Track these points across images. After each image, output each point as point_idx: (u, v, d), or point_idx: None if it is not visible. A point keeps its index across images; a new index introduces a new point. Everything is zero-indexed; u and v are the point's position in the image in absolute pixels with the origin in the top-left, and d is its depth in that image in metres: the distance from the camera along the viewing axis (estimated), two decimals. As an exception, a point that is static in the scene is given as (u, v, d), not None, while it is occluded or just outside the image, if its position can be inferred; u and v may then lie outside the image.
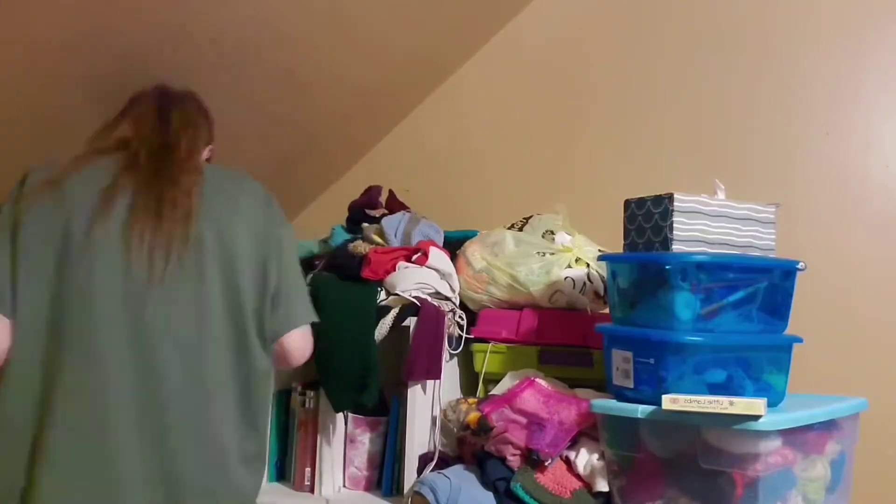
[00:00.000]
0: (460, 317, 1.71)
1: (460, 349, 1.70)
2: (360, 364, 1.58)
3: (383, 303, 1.64)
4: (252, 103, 1.81)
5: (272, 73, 1.73)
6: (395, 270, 1.68)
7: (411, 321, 1.61)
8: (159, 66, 1.53)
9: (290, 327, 1.31)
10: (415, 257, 1.69)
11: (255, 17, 1.56)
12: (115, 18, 1.40)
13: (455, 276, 1.73)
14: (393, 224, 1.81)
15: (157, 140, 1.31)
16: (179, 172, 1.27)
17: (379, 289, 1.67)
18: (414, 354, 1.58)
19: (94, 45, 1.43)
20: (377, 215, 1.89)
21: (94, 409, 1.15)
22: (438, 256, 1.71)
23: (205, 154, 1.43)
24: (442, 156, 2.22)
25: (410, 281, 1.63)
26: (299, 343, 1.34)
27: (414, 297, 1.62)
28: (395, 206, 1.95)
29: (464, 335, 1.69)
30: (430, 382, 1.63)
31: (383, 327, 1.60)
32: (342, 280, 1.70)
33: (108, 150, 1.31)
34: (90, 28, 1.39)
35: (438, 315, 1.63)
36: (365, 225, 1.85)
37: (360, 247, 1.76)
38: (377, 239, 1.80)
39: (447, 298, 1.70)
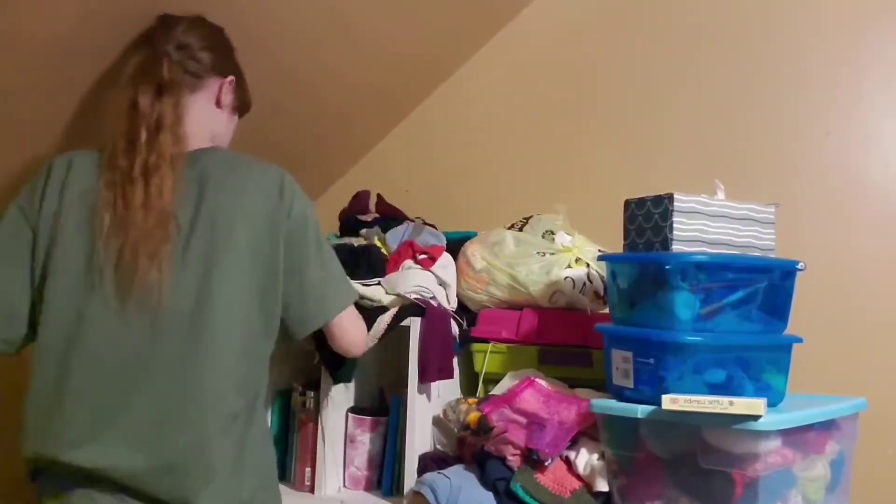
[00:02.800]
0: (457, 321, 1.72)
1: (458, 351, 1.70)
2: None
3: (380, 303, 1.65)
4: (254, 102, 1.81)
5: (274, 72, 1.73)
6: (397, 269, 1.68)
7: (411, 321, 1.61)
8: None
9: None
10: (420, 257, 1.69)
11: (257, 16, 1.56)
12: (118, 17, 1.40)
13: (455, 288, 1.73)
14: (398, 236, 1.81)
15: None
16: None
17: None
18: (425, 356, 1.59)
19: (95, 44, 1.43)
20: (369, 220, 1.88)
21: None
22: (445, 266, 1.71)
23: (213, 94, 1.37)
24: (442, 156, 2.22)
25: (410, 282, 1.63)
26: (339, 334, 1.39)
27: (417, 299, 1.62)
28: (385, 209, 1.94)
29: (457, 339, 1.70)
30: (430, 382, 1.64)
31: (381, 325, 1.60)
32: None
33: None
34: (90, 29, 1.39)
35: (445, 315, 1.65)
36: (364, 231, 1.85)
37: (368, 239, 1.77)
38: (378, 245, 1.80)
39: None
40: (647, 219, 1.36)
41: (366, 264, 1.69)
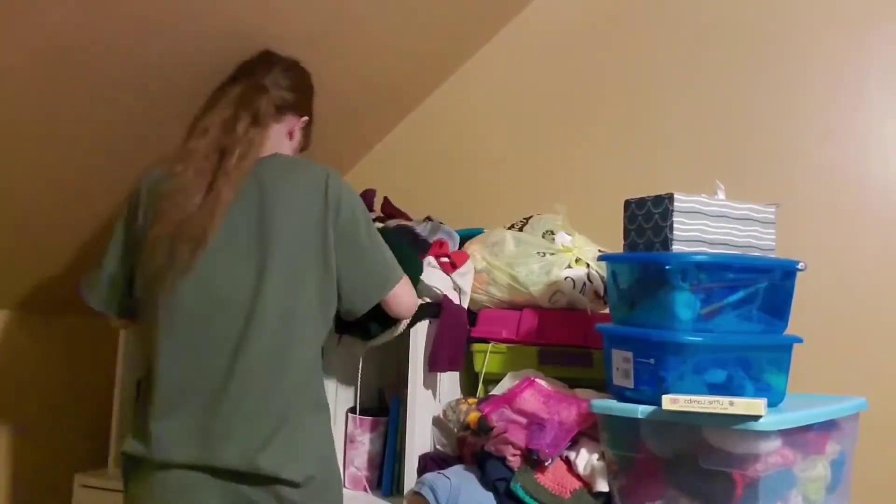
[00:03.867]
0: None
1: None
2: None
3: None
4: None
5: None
6: None
7: (421, 324, 1.61)
8: (164, 64, 1.54)
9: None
10: (442, 260, 1.69)
11: (260, 14, 1.56)
12: (120, 18, 1.40)
13: (469, 296, 1.73)
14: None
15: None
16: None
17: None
18: (438, 345, 1.59)
19: (95, 47, 1.43)
20: (374, 219, 1.89)
21: None
22: (464, 273, 1.71)
23: (288, 128, 1.53)
24: (442, 155, 2.22)
25: (426, 280, 1.63)
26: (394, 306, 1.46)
27: (439, 292, 1.64)
28: (390, 211, 1.94)
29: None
30: (430, 383, 1.63)
31: (401, 325, 1.59)
32: None
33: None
34: (92, 30, 1.39)
35: (461, 308, 1.66)
36: (380, 226, 1.85)
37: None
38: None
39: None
40: (648, 219, 1.36)
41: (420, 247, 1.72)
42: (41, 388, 2.17)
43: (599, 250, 1.70)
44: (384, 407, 1.77)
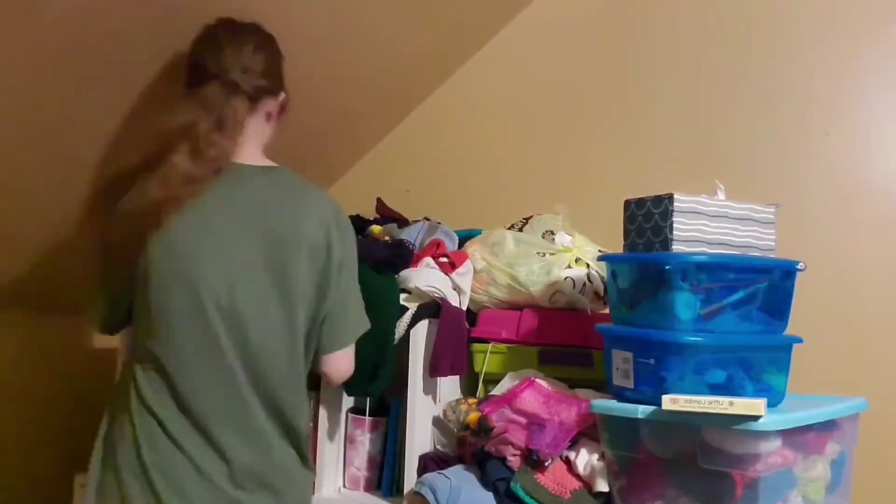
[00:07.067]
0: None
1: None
2: (377, 353, 1.57)
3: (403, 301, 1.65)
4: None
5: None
6: (415, 266, 1.70)
7: (421, 324, 1.61)
8: (161, 61, 1.54)
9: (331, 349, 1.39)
10: (441, 260, 1.70)
11: (259, 14, 1.56)
12: (117, 15, 1.40)
13: (469, 295, 1.73)
14: (412, 234, 1.82)
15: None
16: None
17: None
18: (439, 350, 1.59)
19: (93, 44, 1.43)
20: (370, 220, 1.89)
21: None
22: (464, 273, 1.71)
23: (266, 112, 1.43)
24: (442, 155, 2.22)
25: (425, 280, 1.64)
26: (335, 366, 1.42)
27: (437, 297, 1.63)
28: (385, 212, 1.95)
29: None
30: (430, 383, 1.63)
31: (401, 326, 1.60)
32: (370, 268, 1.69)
33: None
34: (89, 26, 1.39)
35: (461, 312, 1.66)
36: (387, 226, 1.86)
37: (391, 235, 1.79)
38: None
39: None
40: (647, 219, 1.36)
41: (400, 258, 1.70)
42: (41, 387, 2.17)
43: (599, 250, 1.70)
44: (384, 407, 1.77)
